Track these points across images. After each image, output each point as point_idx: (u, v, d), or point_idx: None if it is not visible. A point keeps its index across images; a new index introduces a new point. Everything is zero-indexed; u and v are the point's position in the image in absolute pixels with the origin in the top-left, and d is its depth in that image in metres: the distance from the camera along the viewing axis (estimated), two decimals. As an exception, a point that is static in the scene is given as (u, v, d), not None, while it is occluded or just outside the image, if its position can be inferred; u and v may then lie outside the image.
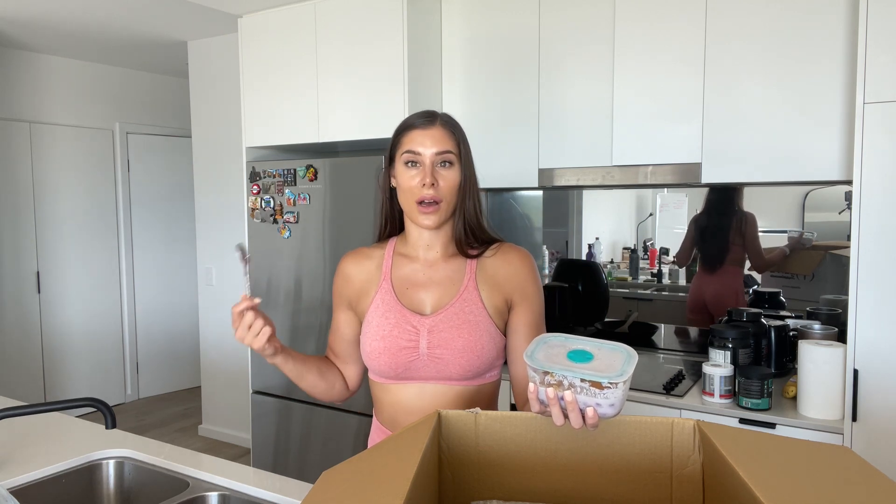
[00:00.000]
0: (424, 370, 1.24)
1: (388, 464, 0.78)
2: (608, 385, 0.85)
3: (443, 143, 1.23)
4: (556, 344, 0.93)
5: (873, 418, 1.88)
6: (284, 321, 3.09)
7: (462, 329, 1.23)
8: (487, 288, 1.27)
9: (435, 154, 1.23)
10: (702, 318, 2.70)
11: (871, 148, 1.86)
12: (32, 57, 4.43)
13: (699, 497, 0.90)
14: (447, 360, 1.22)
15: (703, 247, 2.69)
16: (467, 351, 1.22)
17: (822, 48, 2.08)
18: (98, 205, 4.82)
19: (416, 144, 1.23)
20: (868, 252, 1.87)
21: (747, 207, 2.58)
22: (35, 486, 1.46)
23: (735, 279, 2.61)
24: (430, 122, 1.25)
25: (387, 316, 1.26)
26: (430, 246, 1.30)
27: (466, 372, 1.23)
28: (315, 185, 2.95)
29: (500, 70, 2.75)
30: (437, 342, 1.23)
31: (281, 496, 1.37)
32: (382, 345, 1.25)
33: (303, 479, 2.96)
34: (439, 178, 1.23)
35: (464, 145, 1.27)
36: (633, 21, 2.40)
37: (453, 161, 1.24)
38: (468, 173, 1.27)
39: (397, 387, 1.28)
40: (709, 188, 2.63)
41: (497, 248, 1.31)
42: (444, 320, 1.24)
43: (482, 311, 1.25)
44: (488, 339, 1.24)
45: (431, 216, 1.23)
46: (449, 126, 1.26)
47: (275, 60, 3.12)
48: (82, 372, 4.76)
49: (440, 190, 1.23)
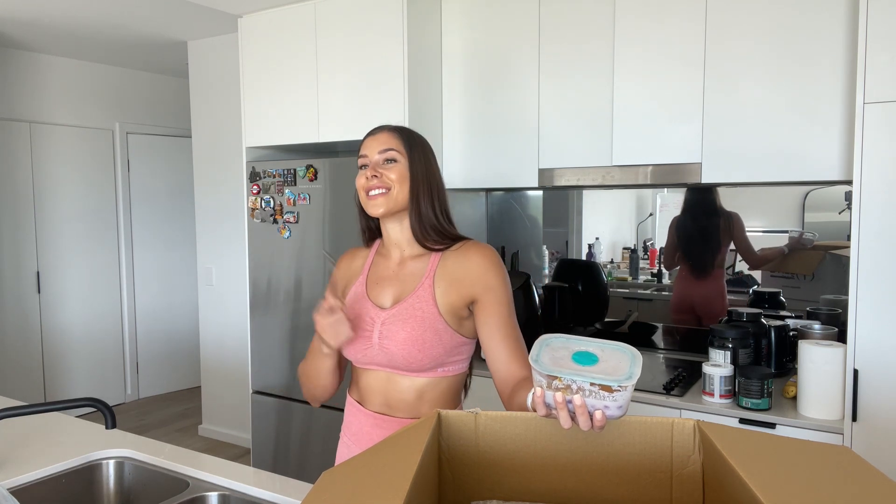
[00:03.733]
0: (378, 358, 1.36)
1: (388, 464, 0.78)
2: (618, 388, 0.85)
3: (385, 143, 1.36)
4: (558, 346, 0.93)
5: (873, 418, 1.88)
6: (284, 321, 3.09)
7: (408, 323, 1.33)
8: (444, 285, 1.35)
9: (378, 153, 1.35)
10: (688, 318, 2.70)
11: (871, 148, 1.86)
12: (32, 57, 4.43)
13: (699, 497, 0.90)
14: (393, 351, 1.33)
15: (686, 249, 2.69)
16: (409, 343, 1.32)
17: (822, 48, 2.08)
18: (98, 205, 4.82)
19: (364, 148, 1.37)
20: (868, 252, 1.87)
21: (732, 207, 2.58)
22: (35, 486, 1.46)
23: (719, 281, 2.62)
24: (377, 130, 1.39)
25: (353, 307, 1.40)
26: (396, 244, 1.41)
27: (410, 364, 1.32)
28: (315, 185, 2.95)
29: (500, 69, 2.75)
30: (386, 333, 1.34)
31: (281, 496, 1.37)
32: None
33: (303, 479, 2.96)
34: (383, 171, 1.34)
35: (414, 147, 1.37)
36: (633, 21, 2.40)
37: (396, 158, 1.35)
38: (420, 173, 1.36)
39: (363, 370, 1.40)
40: (686, 189, 2.64)
41: (459, 246, 1.39)
42: (396, 314, 1.34)
43: (432, 307, 1.33)
44: (433, 334, 1.32)
45: (378, 201, 1.34)
46: (395, 131, 1.39)
47: (275, 60, 3.12)
48: (82, 372, 4.76)
49: (384, 179, 1.34)
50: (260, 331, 3.18)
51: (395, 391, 1.36)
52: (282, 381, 3.11)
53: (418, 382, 1.35)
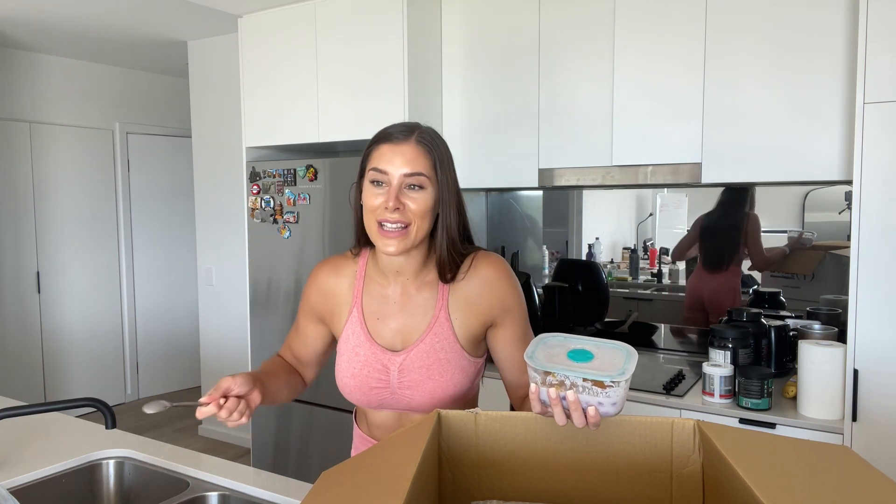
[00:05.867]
0: (396, 403, 1.23)
1: (388, 464, 0.78)
2: (611, 384, 0.85)
3: (413, 164, 1.11)
4: (555, 344, 0.93)
5: (873, 418, 1.88)
6: (284, 321, 3.09)
7: (433, 370, 1.18)
8: (461, 314, 1.20)
9: (403, 175, 1.11)
10: (699, 316, 2.70)
11: (871, 148, 1.86)
12: (32, 57, 4.43)
13: (699, 497, 0.90)
14: (418, 400, 1.19)
15: (706, 246, 2.69)
16: (437, 392, 1.18)
17: (822, 48, 2.08)
18: (98, 205, 4.82)
19: (384, 162, 1.12)
20: (868, 252, 1.87)
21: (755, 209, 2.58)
22: (35, 486, 1.46)
23: (734, 279, 2.61)
24: (404, 138, 1.13)
25: (356, 352, 1.22)
26: (399, 272, 1.21)
27: (437, 407, 1.18)
28: (315, 185, 2.95)
29: (500, 70, 2.75)
30: (407, 383, 1.19)
31: (281, 496, 1.37)
32: (353, 382, 1.23)
33: (303, 479, 2.96)
34: (407, 200, 1.12)
35: (441, 166, 1.15)
36: (633, 21, 2.40)
37: (425, 185, 1.12)
38: (447, 195, 1.15)
39: (372, 411, 1.28)
40: (723, 189, 2.62)
41: (469, 265, 1.21)
42: (414, 359, 1.18)
43: (454, 343, 1.19)
44: (461, 375, 1.19)
45: (394, 242, 1.12)
46: (426, 144, 1.14)
47: (275, 60, 3.12)
48: (82, 372, 4.76)
49: (407, 213, 1.11)
50: (260, 331, 3.18)
51: (411, 423, 1.26)
52: (282, 381, 3.11)
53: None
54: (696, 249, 2.71)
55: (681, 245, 2.74)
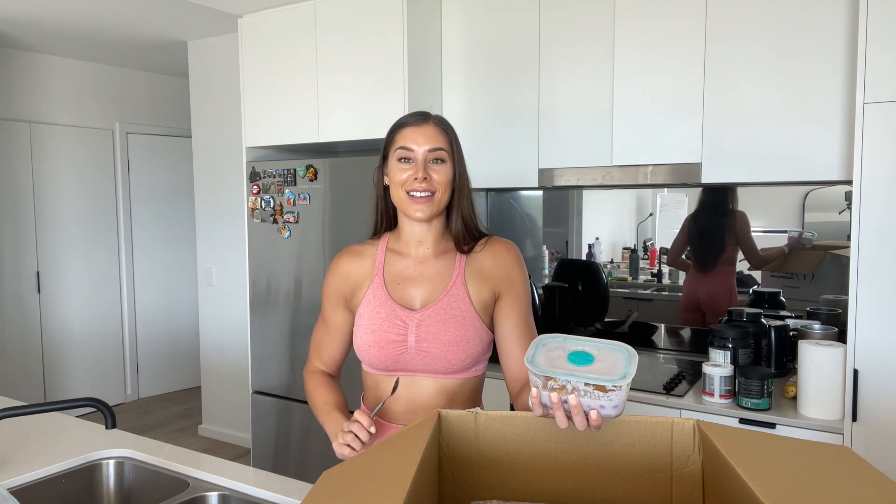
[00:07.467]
0: (412, 363, 1.29)
1: (388, 464, 0.78)
2: (612, 388, 0.85)
3: (435, 141, 1.29)
4: (554, 346, 0.93)
5: (873, 418, 1.88)
6: (284, 321, 3.09)
7: (449, 323, 1.28)
8: (476, 282, 1.32)
9: (427, 151, 1.28)
10: (696, 317, 2.70)
11: (871, 148, 1.86)
12: (32, 57, 4.43)
13: (699, 497, 0.90)
14: (434, 353, 1.27)
15: (696, 247, 2.69)
16: (453, 345, 1.27)
17: (822, 48, 2.08)
18: (98, 205, 4.82)
19: (409, 141, 1.29)
20: (868, 252, 1.87)
21: (740, 207, 2.58)
22: (35, 486, 1.46)
23: (728, 279, 2.61)
24: (423, 120, 1.31)
25: (377, 310, 1.31)
26: (420, 242, 1.35)
27: (453, 365, 1.28)
28: (315, 185, 2.95)
29: (500, 70, 2.75)
30: (424, 336, 1.28)
31: (281, 496, 1.37)
32: (373, 338, 1.30)
33: (303, 479, 2.96)
34: (432, 172, 1.28)
35: (455, 145, 1.33)
36: (633, 21, 2.40)
37: (445, 158, 1.30)
38: (460, 171, 1.33)
39: (387, 378, 1.33)
40: (702, 189, 2.63)
41: (485, 242, 1.37)
42: (432, 315, 1.29)
43: (469, 305, 1.30)
44: (474, 333, 1.29)
45: (423, 206, 1.28)
46: (441, 125, 1.32)
47: (275, 60, 3.12)
48: (82, 372, 4.76)
49: (433, 183, 1.28)
50: (260, 331, 3.18)
51: (422, 396, 1.30)
52: (282, 381, 3.11)
53: (449, 385, 1.30)
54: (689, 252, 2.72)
55: (672, 250, 2.75)
